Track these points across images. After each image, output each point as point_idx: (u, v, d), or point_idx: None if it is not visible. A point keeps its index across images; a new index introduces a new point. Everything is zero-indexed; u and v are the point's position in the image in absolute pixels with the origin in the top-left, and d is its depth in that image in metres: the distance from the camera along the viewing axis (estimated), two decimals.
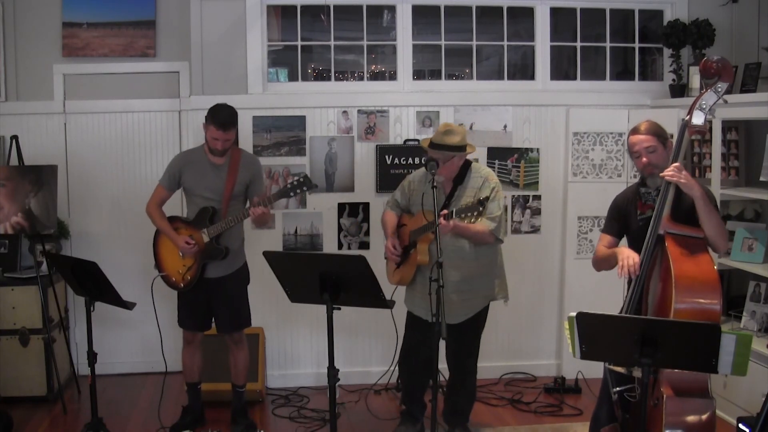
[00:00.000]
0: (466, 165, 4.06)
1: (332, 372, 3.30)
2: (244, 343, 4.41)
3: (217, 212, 4.17)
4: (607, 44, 5.47)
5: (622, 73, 5.67)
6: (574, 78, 5.51)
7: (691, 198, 3.22)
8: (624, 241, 3.53)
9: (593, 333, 2.79)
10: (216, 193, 4.18)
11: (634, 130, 3.36)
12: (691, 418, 2.95)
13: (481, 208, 3.53)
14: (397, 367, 4.45)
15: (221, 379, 4.59)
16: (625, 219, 3.47)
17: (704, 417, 2.95)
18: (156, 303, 4.21)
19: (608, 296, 4.26)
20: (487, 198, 3.66)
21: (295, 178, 4.07)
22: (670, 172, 3.14)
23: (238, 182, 4.20)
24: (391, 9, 5.35)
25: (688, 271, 3.01)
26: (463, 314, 4.04)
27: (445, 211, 3.67)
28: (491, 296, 4.15)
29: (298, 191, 4.06)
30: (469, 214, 3.56)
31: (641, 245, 3.24)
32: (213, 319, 4.37)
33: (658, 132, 3.33)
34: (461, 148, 3.94)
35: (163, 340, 4.34)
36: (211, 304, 4.29)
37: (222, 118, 4.07)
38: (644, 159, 3.29)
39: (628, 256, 3.24)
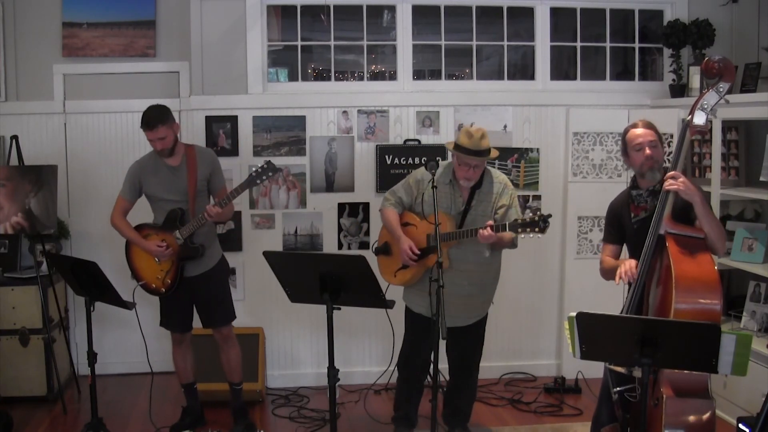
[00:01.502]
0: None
1: (332, 372, 3.30)
2: (234, 340, 4.39)
3: (185, 212, 4.16)
4: (607, 44, 5.47)
5: (622, 73, 5.67)
6: (574, 78, 5.51)
7: (684, 200, 3.22)
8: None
9: (593, 333, 2.79)
10: (180, 194, 4.17)
11: (633, 126, 3.39)
12: (691, 419, 2.95)
13: (543, 225, 3.49)
14: (396, 369, 4.39)
15: (217, 378, 4.57)
16: (621, 224, 3.47)
17: (704, 417, 2.95)
18: (144, 306, 4.20)
19: (608, 296, 4.26)
20: (544, 216, 3.54)
21: (259, 165, 4.05)
22: (669, 183, 3.14)
23: (199, 179, 4.19)
24: (391, 9, 5.35)
25: (688, 272, 3.00)
26: (475, 316, 4.04)
27: (491, 222, 3.65)
28: (492, 299, 4.16)
29: (264, 178, 4.03)
30: (528, 230, 3.53)
31: (638, 248, 3.24)
32: (198, 318, 4.36)
33: (655, 129, 3.37)
34: (491, 151, 3.92)
35: (156, 341, 4.34)
36: (195, 302, 4.29)
37: (146, 118, 4.05)
38: (648, 151, 3.29)
39: (624, 263, 3.28)
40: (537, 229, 3.53)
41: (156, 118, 4.04)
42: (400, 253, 3.94)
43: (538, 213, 3.55)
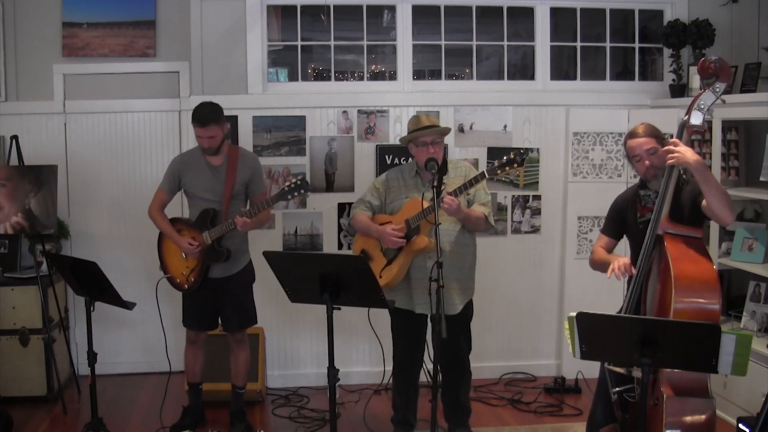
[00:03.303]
0: (444, 161, 4.06)
1: (332, 372, 3.29)
2: (246, 344, 4.41)
3: (218, 214, 4.17)
4: (607, 44, 5.47)
5: (622, 73, 5.67)
6: (574, 78, 5.51)
7: (689, 198, 3.22)
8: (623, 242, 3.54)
9: (593, 333, 2.79)
10: (216, 194, 4.18)
11: (632, 135, 3.35)
12: (691, 418, 2.95)
13: (520, 159, 3.61)
14: (391, 370, 4.32)
15: (222, 379, 4.59)
16: (624, 221, 3.47)
17: (704, 417, 2.95)
18: (159, 304, 4.21)
19: (608, 296, 4.26)
20: (518, 151, 3.66)
21: (293, 180, 4.03)
22: (668, 156, 3.11)
23: (238, 182, 4.19)
24: (391, 9, 5.35)
25: (687, 271, 3.00)
26: (458, 303, 4.01)
27: (449, 192, 3.72)
28: (472, 290, 4.14)
29: (296, 194, 4.02)
30: (507, 168, 3.64)
31: (641, 247, 3.23)
32: (219, 319, 4.37)
33: (656, 133, 3.33)
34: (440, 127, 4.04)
35: (158, 341, 4.35)
36: (218, 303, 4.29)
37: (199, 115, 4.06)
38: (646, 162, 3.28)
39: (617, 260, 3.29)
40: (516, 165, 3.64)
41: (209, 117, 4.06)
42: (386, 241, 3.94)
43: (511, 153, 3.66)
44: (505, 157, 3.67)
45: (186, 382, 4.51)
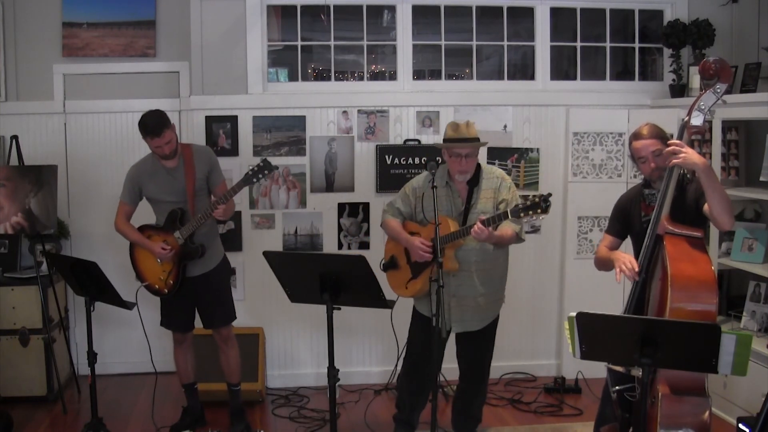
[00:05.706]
0: (477, 166, 3.94)
1: (332, 372, 3.30)
2: (234, 341, 4.40)
3: (185, 212, 4.16)
4: (607, 44, 5.47)
5: (622, 73, 5.67)
6: (574, 78, 5.51)
7: (693, 198, 3.22)
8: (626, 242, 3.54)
9: (593, 333, 2.79)
10: (179, 195, 4.17)
11: (637, 136, 3.33)
12: (687, 417, 2.94)
13: (544, 205, 3.42)
14: (399, 370, 4.27)
15: (217, 378, 4.57)
16: (628, 220, 3.46)
17: (701, 416, 2.94)
18: (147, 306, 4.21)
19: (608, 296, 4.27)
20: (543, 195, 3.47)
21: (255, 164, 4.04)
22: (672, 159, 3.10)
23: (198, 178, 4.18)
24: (391, 9, 5.35)
25: (684, 271, 3.00)
26: (488, 318, 3.95)
27: (482, 217, 3.58)
28: (503, 299, 4.07)
29: (260, 176, 4.02)
30: (531, 213, 3.45)
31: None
32: (199, 317, 4.36)
33: (660, 134, 3.33)
34: (479, 140, 3.88)
35: (157, 342, 4.34)
36: (196, 302, 4.29)
37: (151, 126, 4.03)
38: (652, 164, 3.28)
39: (624, 260, 3.23)
40: (539, 210, 3.44)
41: (161, 124, 4.04)
42: (414, 253, 3.84)
43: (537, 195, 3.47)
44: (529, 200, 3.48)
45: (180, 384, 4.49)
